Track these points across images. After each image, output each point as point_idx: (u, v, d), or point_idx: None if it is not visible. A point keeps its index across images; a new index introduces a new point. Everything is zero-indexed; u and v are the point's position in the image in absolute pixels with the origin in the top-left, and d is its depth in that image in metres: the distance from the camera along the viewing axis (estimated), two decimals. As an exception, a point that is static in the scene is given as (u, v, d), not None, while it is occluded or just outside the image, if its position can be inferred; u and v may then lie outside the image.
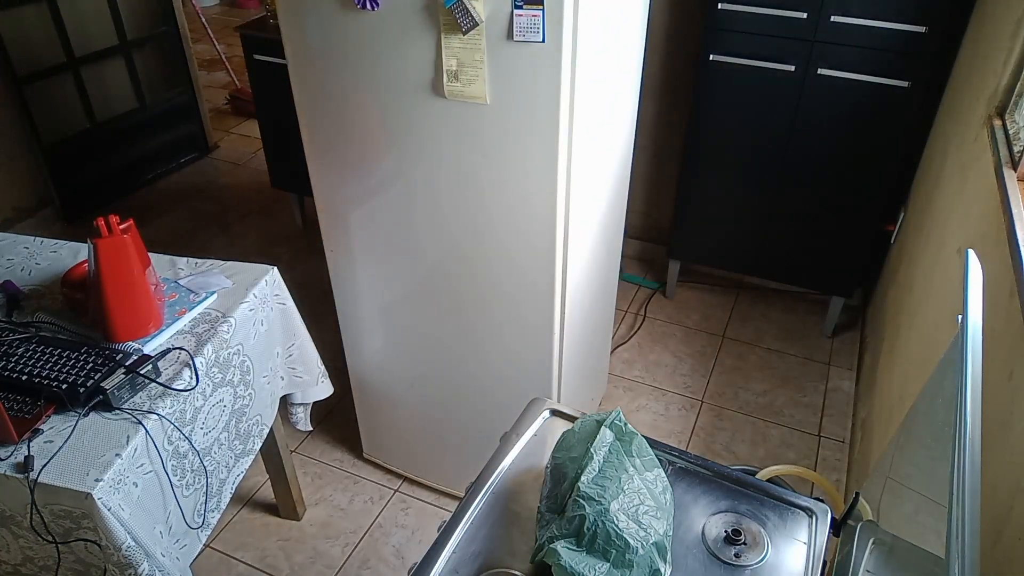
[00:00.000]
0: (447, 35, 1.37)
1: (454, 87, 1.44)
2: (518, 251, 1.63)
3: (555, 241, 1.57)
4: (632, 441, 1.06)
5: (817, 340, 2.76)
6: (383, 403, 2.12)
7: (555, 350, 1.75)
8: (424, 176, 1.61)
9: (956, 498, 0.68)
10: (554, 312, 1.68)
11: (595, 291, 2.00)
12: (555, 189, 1.50)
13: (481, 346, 1.84)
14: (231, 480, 1.57)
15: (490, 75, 1.40)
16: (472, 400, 1.96)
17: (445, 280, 1.76)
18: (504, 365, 1.85)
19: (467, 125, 1.49)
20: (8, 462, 1.21)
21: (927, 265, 1.85)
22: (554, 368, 1.79)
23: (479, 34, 1.35)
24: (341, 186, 1.73)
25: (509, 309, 1.73)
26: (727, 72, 2.36)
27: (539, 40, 1.32)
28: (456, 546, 1.04)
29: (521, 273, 1.66)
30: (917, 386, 1.51)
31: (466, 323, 1.81)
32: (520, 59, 1.36)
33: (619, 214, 2.06)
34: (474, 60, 1.39)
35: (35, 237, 1.79)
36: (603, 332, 2.28)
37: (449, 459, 2.14)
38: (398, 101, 1.53)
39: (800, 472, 1.74)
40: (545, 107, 1.40)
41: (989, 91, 1.61)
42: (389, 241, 1.77)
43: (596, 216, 1.80)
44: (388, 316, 1.92)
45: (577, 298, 1.80)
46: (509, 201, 1.56)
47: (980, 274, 0.85)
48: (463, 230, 1.66)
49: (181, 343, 1.46)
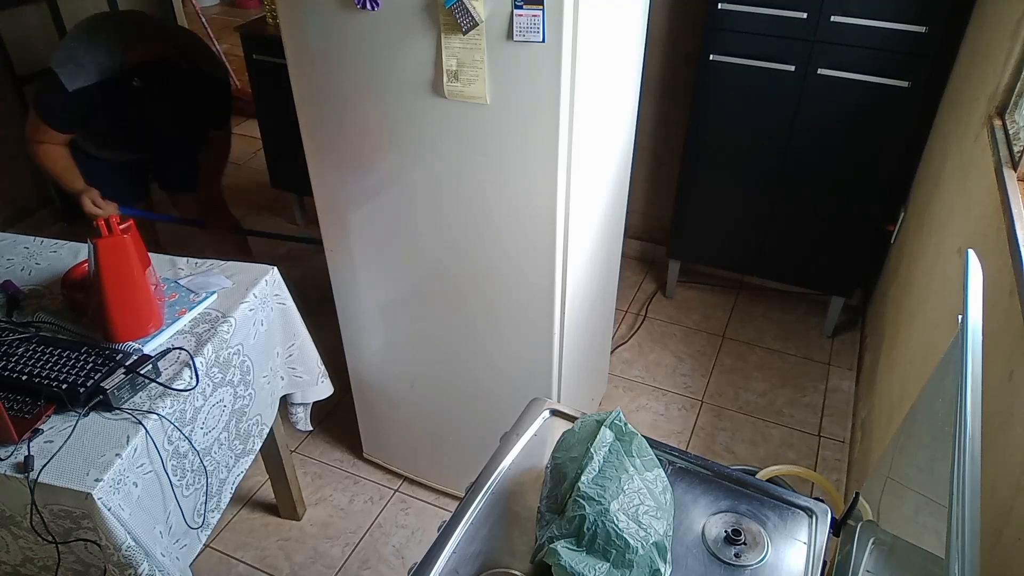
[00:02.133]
0: (447, 35, 1.37)
1: (454, 87, 1.44)
2: (518, 251, 1.63)
3: (555, 241, 1.57)
4: (632, 441, 1.06)
5: (817, 340, 2.76)
6: (383, 403, 2.12)
7: (555, 350, 1.75)
8: (424, 176, 1.61)
9: (956, 498, 0.68)
10: (554, 312, 1.68)
11: (595, 291, 2.00)
12: (555, 190, 1.49)
13: (481, 346, 1.84)
14: (231, 480, 1.57)
15: (490, 75, 1.40)
16: (472, 400, 1.96)
17: (445, 280, 1.76)
18: (504, 365, 1.84)
19: (467, 125, 1.49)
20: (8, 462, 1.21)
21: (927, 265, 1.85)
22: (554, 368, 1.79)
23: (479, 34, 1.35)
24: (341, 186, 1.73)
25: (509, 309, 1.73)
26: (727, 72, 2.36)
27: (539, 40, 1.32)
28: (456, 546, 1.04)
29: (521, 273, 1.65)
30: (917, 386, 1.51)
31: (466, 323, 1.81)
32: (520, 59, 1.36)
33: (619, 214, 2.06)
34: (474, 60, 1.39)
35: (35, 237, 1.79)
36: (603, 332, 2.28)
37: (449, 459, 2.14)
38: (398, 101, 1.52)
39: (800, 472, 1.73)
40: (545, 107, 1.39)
41: (989, 91, 1.61)
42: (389, 241, 1.76)
43: (596, 216, 1.80)
44: (388, 315, 1.92)
45: (577, 298, 1.80)
46: (509, 201, 1.56)
47: (980, 274, 0.85)
48: (463, 230, 1.66)
49: (181, 343, 1.46)
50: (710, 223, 2.72)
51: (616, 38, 1.61)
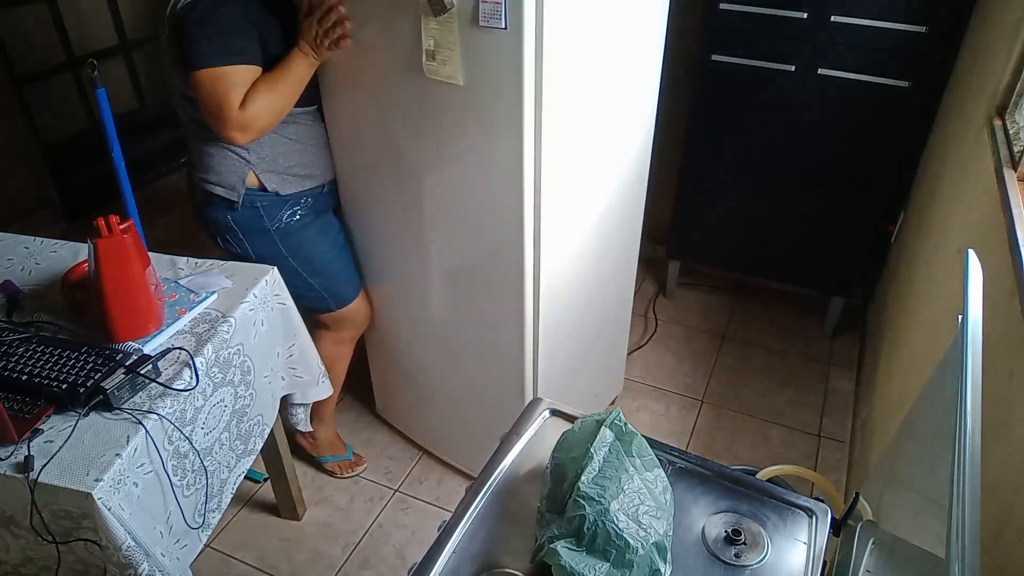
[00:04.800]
0: (425, 16, 1.43)
1: (431, 66, 1.49)
2: (490, 243, 1.69)
3: (522, 228, 1.60)
4: (632, 441, 1.06)
5: (817, 340, 2.76)
6: (392, 367, 2.21)
7: (527, 336, 1.78)
8: (410, 150, 1.67)
9: (956, 498, 0.68)
10: (524, 295, 1.71)
11: (597, 290, 2.01)
12: (521, 176, 1.52)
13: (463, 318, 1.91)
14: (232, 480, 1.57)
15: (462, 57, 1.44)
16: (459, 370, 2.04)
17: (430, 254, 1.85)
18: (480, 342, 1.92)
19: (444, 104, 1.54)
20: (8, 462, 1.21)
21: (927, 265, 1.85)
22: (527, 355, 1.82)
23: (451, 18, 1.40)
24: (338, 160, 1.85)
25: (483, 285, 1.79)
26: (728, 72, 2.36)
27: (501, 27, 1.36)
28: (456, 546, 1.04)
29: (492, 256, 1.71)
30: (917, 386, 1.51)
31: (450, 292, 1.89)
32: (486, 44, 1.40)
33: (632, 216, 2.06)
34: (448, 41, 1.43)
35: (35, 237, 1.79)
36: (614, 333, 2.28)
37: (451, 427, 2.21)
38: (386, 77, 1.60)
39: (800, 472, 1.73)
40: (509, 92, 1.43)
41: (989, 91, 1.61)
42: (379, 216, 1.88)
43: (590, 213, 1.81)
44: (380, 284, 2.03)
45: (565, 291, 1.83)
46: (481, 185, 1.60)
47: (980, 274, 0.85)
48: (440, 213, 1.74)
49: (181, 343, 1.46)
50: (710, 223, 2.72)
51: (613, 34, 1.61)
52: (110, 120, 2.09)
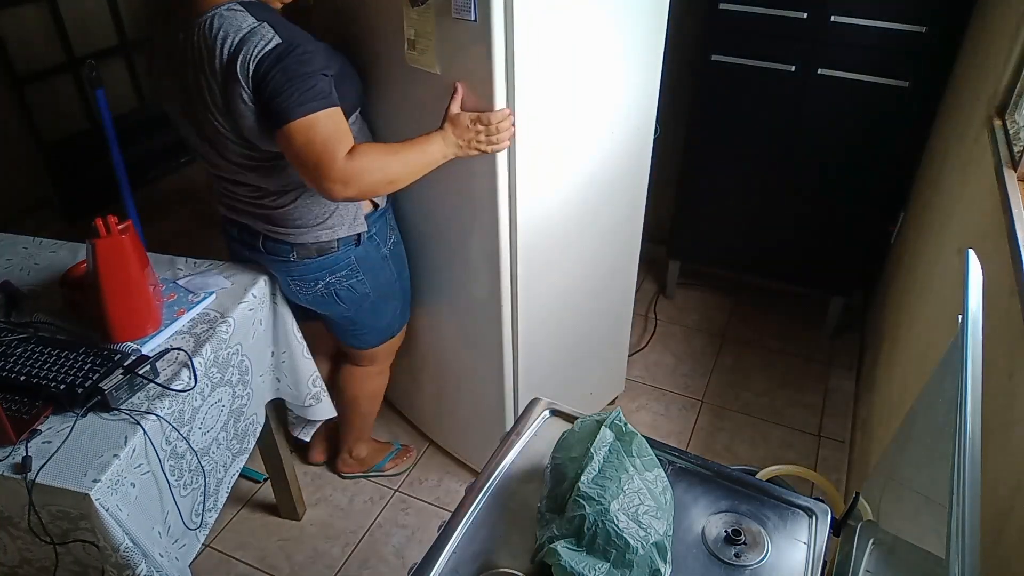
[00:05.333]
0: (406, 6, 1.46)
1: (412, 55, 1.53)
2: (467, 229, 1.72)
3: (497, 221, 1.61)
4: (632, 441, 1.06)
5: (817, 340, 2.76)
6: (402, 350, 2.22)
7: (506, 326, 1.79)
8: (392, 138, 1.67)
9: (956, 498, 0.68)
10: (501, 283, 1.72)
11: (590, 289, 2.00)
12: (495, 170, 1.54)
13: (447, 303, 1.93)
14: (227, 480, 1.57)
15: (438, 47, 1.47)
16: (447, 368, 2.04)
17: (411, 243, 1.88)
18: (461, 328, 1.93)
19: (425, 92, 1.57)
20: (6, 463, 1.21)
21: (927, 265, 1.85)
22: (505, 348, 1.83)
23: (429, 8, 1.43)
24: None
25: (462, 269, 1.81)
26: (728, 72, 2.36)
27: (471, 19, 1.38)
28: (456, 546, 1.04)
29: (467, 246, 1.75)
30: (917, 386, 1.50)
31: (432, 277, 1.92)
32: (459, 35, 1.43)
33: (631, 218, 2.05)
34: (426, 31, 1.46)
35: (34, 237, 1.79)
36: (612, 332, 2.27)
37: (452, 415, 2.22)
38: (375, 65, 1.64)
39: (800, 472, 1.73)
40: (481, 84, 1.45)
41: (989, 91, 1.61)
42: None
43: (578, 212, 1.81)
44: None
45: (548, 287, 1.84)
46: (456, 176, 1.61)
47: (980, 274, 0.85)
48: (427, 204, 1.75)
49: (179, 343, 1.46)
50: (710, 223, 2.72)
51: (594, 33, 1.60)
52: (109, 120, 2.09)
